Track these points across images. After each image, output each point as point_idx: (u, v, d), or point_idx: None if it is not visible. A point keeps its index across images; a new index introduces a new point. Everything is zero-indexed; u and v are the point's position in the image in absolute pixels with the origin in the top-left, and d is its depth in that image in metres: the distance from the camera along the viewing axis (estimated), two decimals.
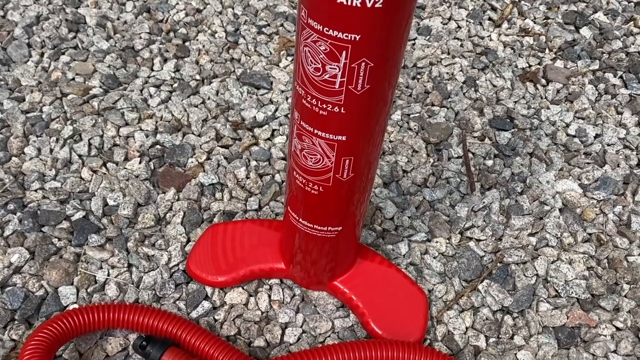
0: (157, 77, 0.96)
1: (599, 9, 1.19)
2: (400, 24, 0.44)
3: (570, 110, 0.98)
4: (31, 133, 0.85)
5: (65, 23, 1.02)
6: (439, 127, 0.93)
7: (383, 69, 0.47)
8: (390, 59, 0.47)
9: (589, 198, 0.85)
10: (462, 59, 1.06)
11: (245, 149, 0.86)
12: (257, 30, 1.06)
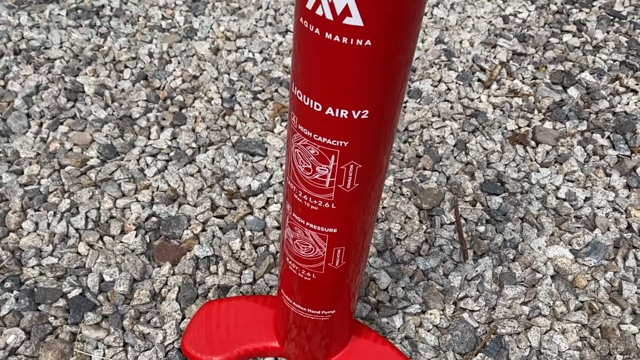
0: (154, 146, 0.97)
1: (585, 68, 1.22)
2: (386, 131, 0.46)
3: (560, 173, 1.00)
4: (29, 207, 0.86)
5: (64, 92, 1.05)
6: (431, 192, 0.94)
7: (371, 169, 0.49)
8: (377, 161, 0.48)
9: (580, 264, 0.86)
10: (452, 122, 1.08)
11: (240, 219, 0.87)
12: (253, 96, 1.09)
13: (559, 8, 1.39)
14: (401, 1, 0.38)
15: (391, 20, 0.39)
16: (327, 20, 0.39)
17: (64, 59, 1.11)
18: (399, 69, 0.42)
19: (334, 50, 0.41)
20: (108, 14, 1.24)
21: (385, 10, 0.38)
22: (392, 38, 0.40)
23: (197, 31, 1.22)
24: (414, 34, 0.41)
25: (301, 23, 0.41)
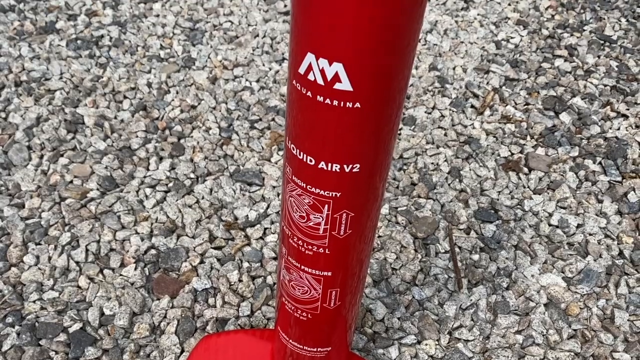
0: (153, 177, 0.99)
1: (577, 93, 1.24)
2: (377, 182, 0.48)
3: (553, 200, 1.02)
4: (30, 240, 0.88)
5: (64, 124, 1.06)
6: (426, 221, 0.96)
7: (363, 217, 0.50)
8: (369, 209, 0.50)
9: (572, 292, 0.88)
10: (446, 149, 1.10)
11: (238, 250, 0.89)
12: (250, 125, 1.11)
13: (550, 33, 1.41)
14: (388, 69, 0.40)
15: (379, 85, 0.41)
16: (318, 85, 0.41)
17: (64, 90, 1.13)
18: (387, 127, 0.44)
19: (325, 111, 0.42)
20: (107, 44, 1.26)
21: (373, 76, 0.40)
22: (380, 101, 0.42)
23: (195, 60, 1.24)
24: (400, 96, 0.43)
25: (294, 85, 0.43)
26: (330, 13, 0.38)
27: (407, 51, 0.40)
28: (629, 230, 0.97)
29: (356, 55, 0.39)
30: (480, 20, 1.44)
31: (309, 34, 0.40)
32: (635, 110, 1.20)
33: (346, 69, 0.40)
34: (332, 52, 0.39)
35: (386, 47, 0.39)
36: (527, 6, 1.50)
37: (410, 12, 0.38)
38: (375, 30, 0.38)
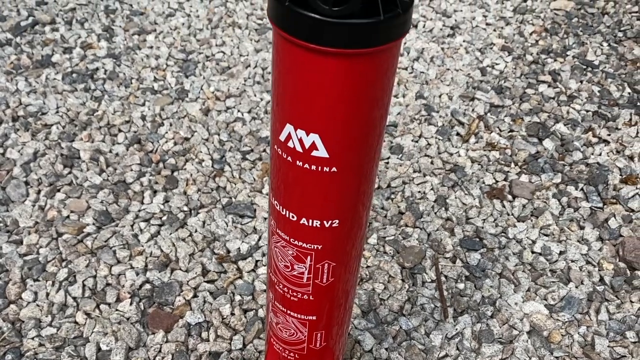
0: (147, 210, 1.02)
1: (560, 119, 1.28)
2: (356, 235, 0.51)
3: (536, 227, 1.05)
4: (29, 277, 0.90)
5: (60, 158, 1.09)
6: (413, 251, 0.99)
7: (344, 265, 0.53)
8: (350, 259, 0.53)
9: (554, 320, 0.91)
10: (432, 177, 1.13)
11: (230, 284, 0.92)
12: (242, 156, 1.14)
13: (534, 58, 1.45)
14: (361, 138, 0.43)
15: (353, 152, 0.44)
16: (297, 152, 0.44)
17: (60, 125, 1.16)
18: (363, 186, 0.47)
19: (304, 174, 0.45)
20: (102, 77, 1.29)
21: (348, 145, 0.43)
22: (354, 165, 0.45)
23: (188, 92, 1.27)
24: (373, 159, 0.46)
25: (275, 150, 0.46)
26: (305, 91, 0.41)
27: (378, 122, 0.44)
28: (609, 256, 1.01)
29: (331, 127, 0.42)
30: (466, 47, 1.47)
31: (287, 108, 0.43)
32: (616, 136, 1.24)
33: (322, 139, 0.43)
34: (309, 124, 0.42)
35: (359, 120, 0.42)
36: (512, 32, 1.54)
37: (380, 91, 0.41)
38: (347, 106, 0.41)
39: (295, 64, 0.40)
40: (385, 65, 0.40)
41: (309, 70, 0.40)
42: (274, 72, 0.44)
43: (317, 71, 0.39)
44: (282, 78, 0.42)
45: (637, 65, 1.44)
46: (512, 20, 1.58)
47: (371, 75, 0.40)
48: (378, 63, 0.40)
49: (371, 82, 0.40)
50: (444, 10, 1.59)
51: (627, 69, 1.43)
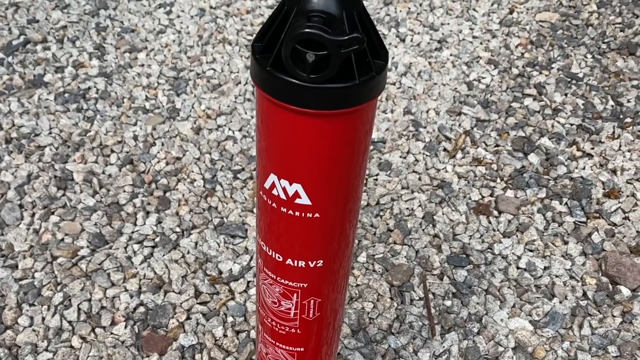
0: (140, 232, 1.04)
1: (545, 133, 1.30)
2: (340, 273, 0.53)
3: (521, 242, 1.07)
4: (24, 302, 0.92)
5: (54, 180, 1.11)
6: (401, 269, 1.01)
7: (330, 301, 0.55)
8: (335, 295, 0.55)
9: (539, 335, 0.93)
10: (420, 194, 1.15)
11: (222, 305, 0.94)
12: (233, 175, 1.16)
13: (520, 71, 1.48)
14: (341, 186, 0.46)
15: (334, 199, 0.46)
16: (281, 199, 0.46)
17: (53, 146, 1.18)
18: (345, 229, 0.50)
19: (289, 219, 0.48)
20: (94, 96, 1.31)
21: (329, 193, 0.45)
22: (336, 210, 0.47)
23: (180, 111, 1.29)
24: (355, 204, 0.48)
25: (261, 195, 0.49)
26: (287, 145, 0.43)
27: (358, 170, 0.46)
28: (592, 271, 1.03)
29: (312, 178, 0.44)
30: (453, 61, 1.50)
31: (270, 159, 0.45)
32: (599, 149, 1.27)
33: (305, 188, 0.45)
34: (291, 175, 0.45)
35: (339, 171, 0.44)
36: (498, 44, 1.57)
37: (359, 143, 0.44)
38: (328, 159, 0.43)
39: (277, 121, 0.42)
40: (362, 121, 0.42)
41: (290, 127, 0.42)
42: (257, 124, 0.46)
43: (297, 128, 0.42)
44: (265, 132, 0.44)
45: (619, 77, 1.47)
46: (498, 33, 1.61)
47: (349, 131, 0.42)
48: (355, 120, 0.42)
49: (350, 137, 0.43)
50: (432, 24, 1.61)
51: (611, 81, 1.46)
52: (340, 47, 0.36)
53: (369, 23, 0.41)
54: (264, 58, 0.40)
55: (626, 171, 1.22)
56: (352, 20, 0.39)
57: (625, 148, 1.27)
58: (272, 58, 0.39)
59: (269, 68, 0.40)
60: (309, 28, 0.36)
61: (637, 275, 1.02)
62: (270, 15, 0.42)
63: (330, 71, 0.38)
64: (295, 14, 0.38)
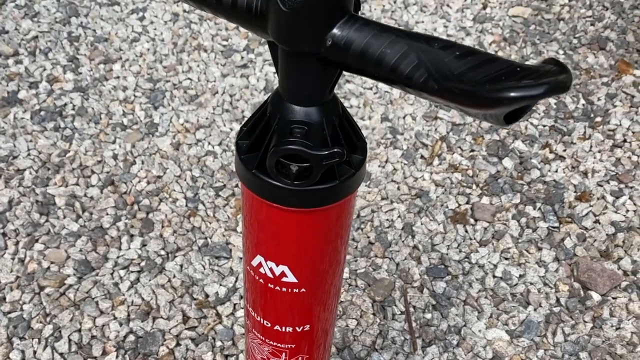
0: (126, 257, 1.05)
1: (519, 136, 1.34)
2: (326, 334, 0.56)
3: (497, 251, 1.11)
4: (14, 335, 0.93)
5: (36, 206, 1.11)
6: (383, 284, 1.05)
7: (317, 357, 0.58)
8: (321, 351, 0.58)
9: (515, 345, 0.98)
10: (399, 204, 1.18)
11: (211, 329, 0.96)
12: (215, 192, 1.17)
13: None
14: (325, 266, 0.48)
15: (320, 277, 0.48)
16: (268, 277, 0.49)
17: (32, 169, 1.18)
18: (329, 299, 0.52)
19: (276, 294, 0.50)
20: (71, 113, 1.30)
21: (314, 272, 0.48)
22: (321, 285, 0.49)
23: (158, 125, 1.29)
24: (339, 278, 0.51)
25: (248, 270, 0.51)
26: (272, 234, 0.45)
27: (341, 251, 0.48)
28: (565, 277, 1.08)
29: (298, 261, 0.47)
30: None
31: (257, 243, 0.47)
32: (571, 151, 1.31)
33: (291, 269, 0.47)
34: (278, 259, 0.47)
35: (323, 255, 0.47)
36: (472, 43, 1.58)
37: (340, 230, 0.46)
38: (312, 246, 0.45)
39: (262, 213, 0.44)
40: (344, 211, 0.45)
41: (274, 220, 0.44)
42: (243, 210, 0.48)
43: (282, 221, 0.44)
44: (250, 220, 0.46)
45: (590, 75, 1.50)
46: (472, 30, 1.62)
47: (332, 221, 0.44)
48: (338, 212, 0.44)
49: (332, 226, 0.45)
50: (406, 23, 1.62)
51: (582, 78, 1.49)
52: (322, 160, 0.38)
53: (347, 122, 0.43)
54: (248, 159, 0.42)
55: (597, 173, 1.26)
56: (333, 126, 0.40)
57: (596, 149, 1.31)
58: (256, 162, 0.41)
59: (254, 171, 0.41)
60: (292, 144, 0.38)
61: (606, 280, 1.06)
62: (254, 114, 0.43)
63: (313, 179, 0.40)
64: (278, 122, 0.40)
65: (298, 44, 0.36)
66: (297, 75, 0.38)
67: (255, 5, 0.37)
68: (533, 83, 0.30)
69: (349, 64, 0.36)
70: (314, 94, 0.39)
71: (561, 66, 0.32)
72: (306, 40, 0.36)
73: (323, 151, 0.38)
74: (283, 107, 0.40)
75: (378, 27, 0.35)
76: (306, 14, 0.34)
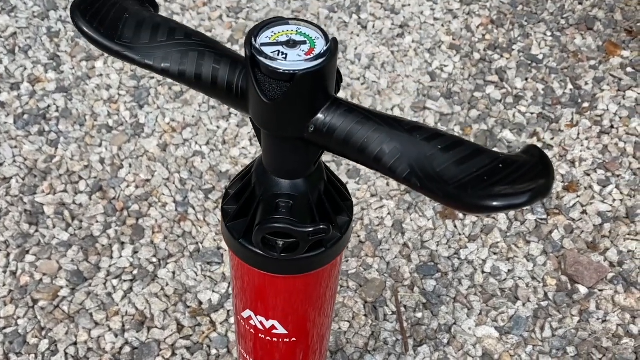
0: (118, 265, 1.06)
1: (507, 124, 1.34)
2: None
3: (485, 246, 1.13)
4: (11, 351, 0.94)
5: (25, 216, 1.11)
6: (374, 284, 1.06)
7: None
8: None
9: (504, 343, 1.00)
10: (389, 201, 1.19)
11: (205, 337, 0.98)
12: (204, 195, 1.17)
13: (482, 55, 1.49)
14: (313, 319, 0.48)
15: (309, 328, 0.49)
16: (259, 329, 0.49)
17: (19, 177, 1.17)
18: (318, 343, 0.53)
19: (267, 342, 0.51)
20: (55, 116, 1.28)
21: (303, 324, 0.48)
22: (312, 334, 0.50)
23: (144, 126, 1.28)
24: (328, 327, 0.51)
25: (239, 320, 0.51)
26: (260, 294, 0.45)
27: (329, 304, 0.49)
28: (553, 270, 1.10)
29: (287, 317, 0.47)
30: (415, 48, 1.50)
31: (246, 301, 0.47)
32: (559, 139, 1.31)
33: (281, 323, 0.48)
34: (267, 314, 0.47)
35: (311, 310, 0.47)
36: (459, 26, 1.56)
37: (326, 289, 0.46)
38: (300, 304, 0.46)
39: (250, 277, 0.44)
40: (333, 271, 0.45)
41: (262, 283, 0.44)
42: (231, 269, 0.48)
43: (270, 284, 0.44)
44: (238, 280, 0.46)
45: (578, 57, 1.49)
46: (459, 12, 1.60)
47: (320, 282, 0.45)
48: (325, 273, 0.44)
49: (320, 286, 0.45)
50: (392, 7, 1.60)
51: (570, 62, 1.48)
52: (308, 236, 0.38)
53: (332, 186, 0.42)
54: (235, 227, 0.42)
55: (584, 162, 1.27)
56: (318, 194, 0.40)
57: (583, 136, 1.32)
58: (243, 231, 0.41)
59: (241, 240, 0.41)
60: (277, 222, 0.38)
61: (593, 273, 1.08)
62: (239, 176, 0.43)
63: (300, 252, 0.40)
64: (263, 193, 0.40)
65: (281, 131, 0.36)
66: (281, 153, 0.38)
67: (236, 84, 0.36)
68: (516, 191, 0.30)
69: (332, 148, 0.36)
70: (298, 169, 0.39)
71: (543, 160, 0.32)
72: (289, 128, 0.35)
73: (308, 227, 0.38)
74: (268, 179, 0.40)
75: (362, 114, 0.35)
76: (288, 105, 0.34)
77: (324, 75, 0.34)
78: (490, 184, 0.31)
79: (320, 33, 0.36)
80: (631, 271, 1.09)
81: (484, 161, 0.32)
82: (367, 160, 0.35)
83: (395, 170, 0.33)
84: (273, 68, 0.33)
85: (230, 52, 0.39)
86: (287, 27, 0.36)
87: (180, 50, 0.38)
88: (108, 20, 0.39)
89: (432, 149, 0.33)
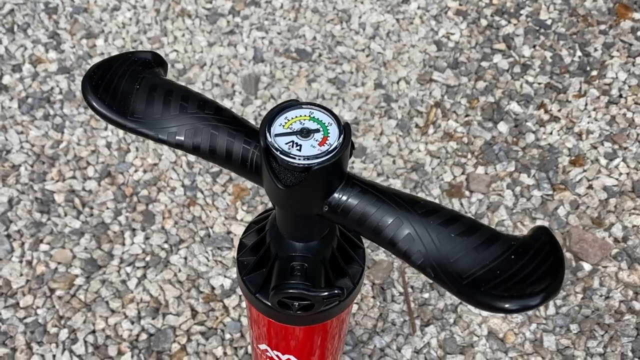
0: (130, 252, 1.08)
1: (514, 96, 1.32)
2: None
3: (491, 224, 1.14)
4: (32, 341, 0.98)
5: (36, 204, 1.12)
6: (381, 266, 1.08)
7: None
8: None
9: (508, 322, 1.03)
10: (395, 179, 1.19)
11: (219, 323, 1.01)
12: (212, 179, 1.18)
13: (489, 21, 1.46)
14: (331, 351, 0.50)
15: (323, 356, 0.51)
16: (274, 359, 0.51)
17: (27, 164, 1.18)
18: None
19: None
20: (59, 98, 1.28)
21: (319, 355, 0.50)
22: None
23: None
24: (340, 350, 0.53)
25: (255, 348, 0.53)
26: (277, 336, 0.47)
27: (342, 338, 0.50)
28: None
29: (301, 352, 0.49)
30: (421, 15, 1.46)
31: (262, 337, 0.49)
32: (566, 111, 1.30)
33: (296, 357, 0.50)
34: (283, 350, 0.49)
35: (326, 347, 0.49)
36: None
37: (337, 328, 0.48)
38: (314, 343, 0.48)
39: (265, 322, 0.46)
40: (342, 317, 0.46)
41: (278, 328, 0.45)
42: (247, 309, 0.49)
43: (285, 331, 0.45)
44: (255, 323, 0.48)
45: (587, 21, 1.46)
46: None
47: (334, 325, 0.46)
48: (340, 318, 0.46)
49: (334, 327, 0.47)
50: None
51: (579, 26, 1.45)
52: (322, 299, 0.39)
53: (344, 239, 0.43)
54: (250, 280, 0.43)
55: (591, 134, 1.26)
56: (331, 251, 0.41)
57: (591, 107, 1.31)
58: (259, 286, 0.42)
59: (257, 295, 0.42)
60: (293, 287, 0.39)
61: (597, 250, 1.10)
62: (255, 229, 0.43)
63: (315, 311, 0.41)
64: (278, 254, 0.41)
65: (296, 211, 0.36)
66: (295, 226, 0.39)
67: (250, 160, 0.37)
68: (528, 293, 0.31)
69: (347, 226, 0.37)
70: (311, 235, 0.40)
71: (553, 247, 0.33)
72: (304, 209, 0.36)
73: (323, 292, 0.39)
74: (282, 241, 0.40)
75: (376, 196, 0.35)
76: (303, 192, 0.34)
77: (339, 163, 0.35)
78: (503, 280, 0.32)
79: (333, 118, 0.36)
80: (635, 247, 1.11)
81: (497, 251, 0.33)
82: (382, 243, 0.35)
83: (410, 256, 0.34)
84: (287, 162, 0.33)
85: (243, 124, 0.39)
86: (300, 112, 0.36)
87: (193, 124, 0.38)
88: (119, 95, 0.39)
89: (447, 237, 0.34)
